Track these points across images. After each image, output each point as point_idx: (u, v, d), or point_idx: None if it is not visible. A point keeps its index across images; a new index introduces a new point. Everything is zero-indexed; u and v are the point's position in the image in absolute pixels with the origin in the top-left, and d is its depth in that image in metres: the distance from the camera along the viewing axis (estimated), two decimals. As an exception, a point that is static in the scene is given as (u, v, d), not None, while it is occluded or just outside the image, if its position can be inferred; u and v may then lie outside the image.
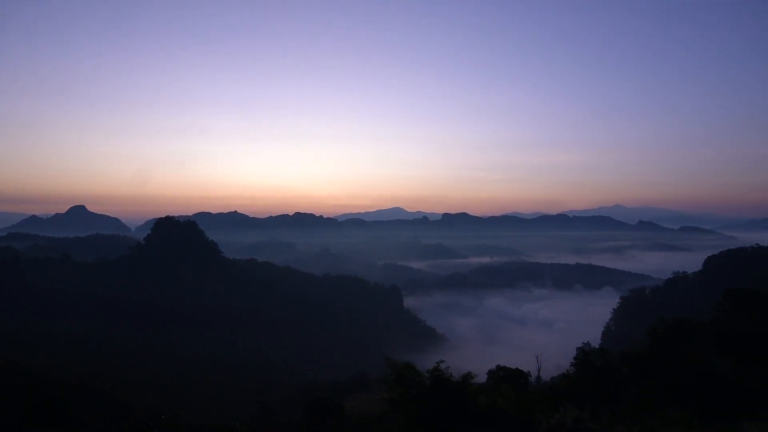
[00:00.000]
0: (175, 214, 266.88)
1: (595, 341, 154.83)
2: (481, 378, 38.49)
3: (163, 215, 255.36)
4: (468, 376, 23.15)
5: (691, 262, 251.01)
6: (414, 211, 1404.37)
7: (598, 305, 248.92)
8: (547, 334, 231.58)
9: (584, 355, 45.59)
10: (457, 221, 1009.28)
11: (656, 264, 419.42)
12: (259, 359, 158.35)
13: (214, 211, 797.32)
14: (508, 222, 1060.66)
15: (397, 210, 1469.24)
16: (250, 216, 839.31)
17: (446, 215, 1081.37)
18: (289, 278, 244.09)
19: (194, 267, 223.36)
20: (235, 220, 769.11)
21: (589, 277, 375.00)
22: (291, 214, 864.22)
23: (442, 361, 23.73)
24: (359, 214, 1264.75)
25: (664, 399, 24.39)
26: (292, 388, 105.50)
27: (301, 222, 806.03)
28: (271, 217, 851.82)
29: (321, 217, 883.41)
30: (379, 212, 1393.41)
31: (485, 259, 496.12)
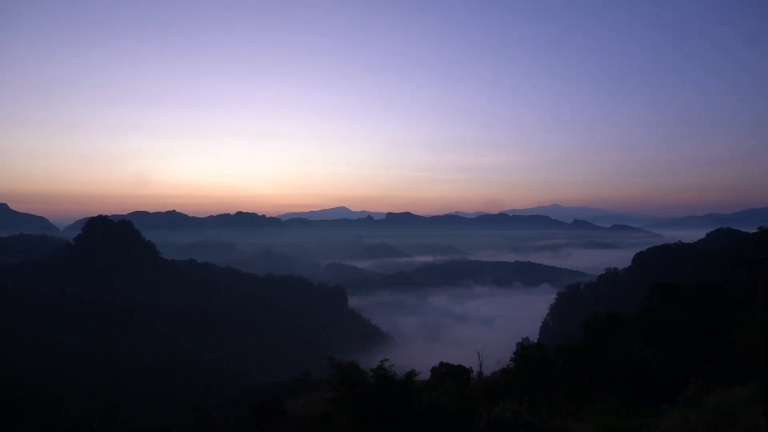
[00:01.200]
0: (109, 213, 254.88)
1: (534, 336, 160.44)
2: (425, 375, 39.09)
3: (95, 214, 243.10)
4: (411, 374, 23.38)
5: (622, 258, 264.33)
6: (359, 210, 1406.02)
7: (537, 301, 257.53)
8: (488, 330, 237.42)
9: (523, 349, 47.16)
10: (401, 221, 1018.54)
11: (590, 261, 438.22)
12: (199, 363, 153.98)
13: (150, 210, 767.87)
14: (451, 221, 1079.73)
15: (342, 209, 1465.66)
16: (190, 215, 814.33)
17: (390, 215, 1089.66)
18: (231, 279, 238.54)
19: (129, 268, 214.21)
20: (173, 219, 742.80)
21: (527, 275, 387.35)
22: (232, 213, 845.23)
23: (386, 360, 23.85)
24: (303, 213, 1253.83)
25: (596, 389, 25.60)
26: (234, 391, 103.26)
27: (243, 221, 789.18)
28: (211, 216, 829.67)
29: (264, 216, 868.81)
30: (324, 212, 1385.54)
31: (428, 258, 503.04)
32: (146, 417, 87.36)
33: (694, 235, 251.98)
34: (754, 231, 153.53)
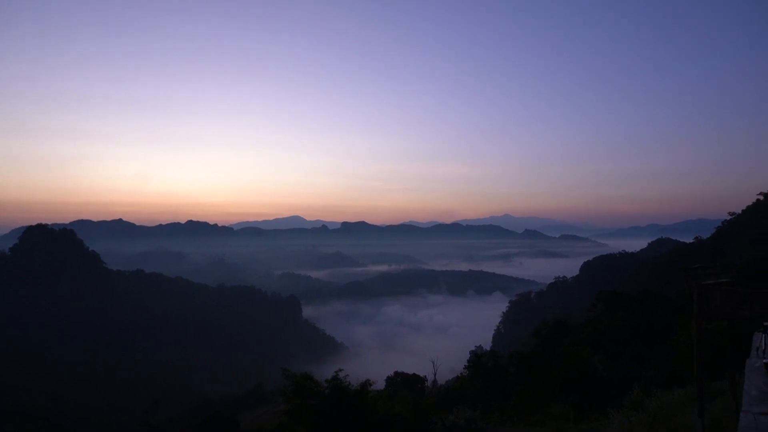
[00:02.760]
0: (49, 222, 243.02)
1: (487, 344, 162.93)
2: (380, 385, 39.11)
3: (33, 223, 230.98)
4: (366, 384, 23.41)
5: (570, 267, 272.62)
6: (313, 219, 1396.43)
7: (489, 309, 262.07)
8: (442, 339, 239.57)
9: (476, 357, 47.90)
10: (356, 230, 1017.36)
11: (540, 270, 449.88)
12: (148, 377, 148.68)
13: (95, 218, 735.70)
14: (405, 230, 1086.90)
15: (296, 218, 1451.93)
16: (137, 224, 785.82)
17: (345, 224, 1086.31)
18: (181, 290, 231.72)
19: (71, 280, 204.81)
20: (119, 228, 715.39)
21: (480, 283, 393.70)
22: (182, 222, 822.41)
23: (340, 370, 23.81)
24: (256, 222, 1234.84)
25: (547, 395, 26.29)
26: (184, 405, 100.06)
27: (194, 230, 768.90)
28: (160, 225, 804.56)
29: (215, 225, 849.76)
30: (278, 221, 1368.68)
31: (383, 267, 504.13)
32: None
33: (637, 244, 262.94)
34: (691, 241, 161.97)
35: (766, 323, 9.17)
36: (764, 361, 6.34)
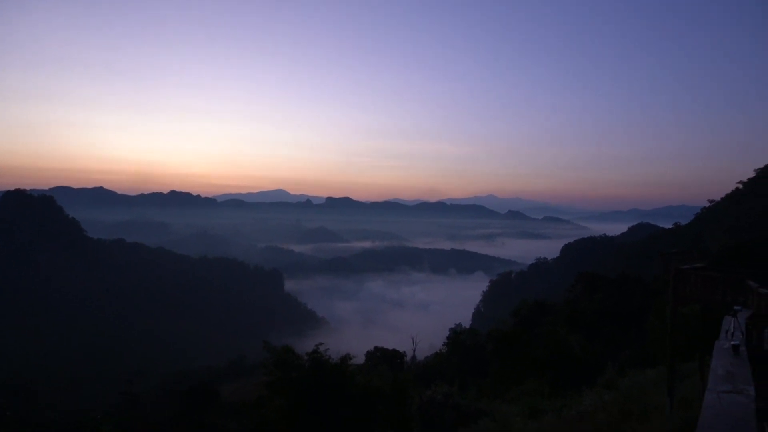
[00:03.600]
0: (28, 188, 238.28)
1: (467, 322, 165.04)
2: (360, 359, 39.55)
3: (11, 188, 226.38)
4: (346, 358, 23.69)
5: (551, 248, 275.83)
6: (297, 193, 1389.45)
7: (470, 288, 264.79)
8: (423, 316, 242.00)
9: (455, 335, 48.62)
10: (340, 205, 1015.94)
11: (522, 250, 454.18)
12: (128, 348, 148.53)
13: (75, 185, 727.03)
14: (390, 207, 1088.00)
15: (280, 192, 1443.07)
16: (119, 192, 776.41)
17: (330, 199, 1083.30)
18: (163, 260, 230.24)
19: (51, 248, 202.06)
20: (100, 196, 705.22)
21: (462, 262, 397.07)
22: (165, 192, 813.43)
23: (321, 344, 24.05)
24: (240, 194, 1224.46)
25: (523, 372, 26.85)
26: (165, 376, 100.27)
27: (177, 201, 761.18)
28: (142, 194, 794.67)
29: (198, 196, 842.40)
30: (262, 194, 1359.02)
31: (367, 244, 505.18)
32: (70, 402, 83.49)
33: (617, 228, 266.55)
34: (670, 227, 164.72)
35: (736, 307, 9.44)
36: (732, 343, 6.54)
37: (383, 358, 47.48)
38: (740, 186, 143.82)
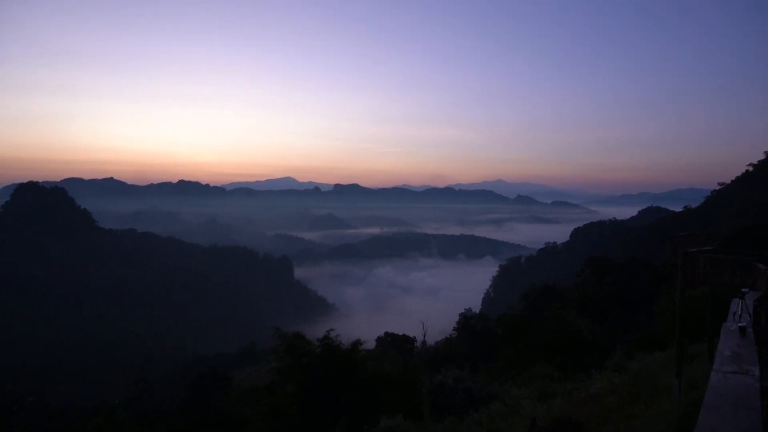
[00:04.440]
0: (40, 180, 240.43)
1: (476, 307, 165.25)
2: (370, 345, 39.86)
3: (24, 180, 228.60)
4: (357, 344, 23.91)
5: (561, 233, 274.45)
6: (305, 181, 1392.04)
7: (480, 273, 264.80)
8: (432, 301, 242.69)
9: (465, 320, 48.80)
10: (348, 192, 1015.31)
11: (531, 235, 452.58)
12: (141, 337, 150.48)
13: (86, 177, 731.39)
14: (398, 194, 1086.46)
15: (288, 180, 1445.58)
16: (129, 183, 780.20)
17: (338, 186, 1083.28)
18: (173, 250, 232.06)
19: (63, 238, 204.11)
20: (110, 187, 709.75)
21: (472, 247, 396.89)
22: (174, 181, 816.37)
23: (331, 330, 24.26)
24: (249, 183, 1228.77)
25: (533, 356, 26.98)
26: (177, 363, 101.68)
27: (186, 190, 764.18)
28: (152, 184, 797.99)
29: (207, 185, 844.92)
30: (270, 182, 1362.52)
31: (375, 230, 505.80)
32: (85, 390, 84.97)
33: (627, 212, 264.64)
34: (680, 210, 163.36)
35: (744, 290, 9.45)
36: (739, 324, 6.59)
37: (393, 344, 47.83)
38: (750, 168, 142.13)
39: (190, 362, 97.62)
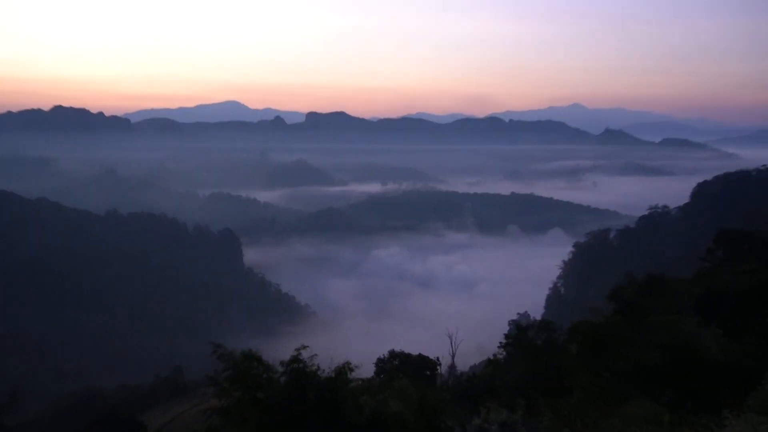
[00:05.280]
0: None
1: (537, 310, 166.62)
2: (367, 370, 40.26)
3: None
4: (345, 369, 24.05)
5: (676, 191, 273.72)
6: (261, 108, 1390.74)
7: (542, 257, 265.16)
8: (465, 300, 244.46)
9: (519, 330, 49.13)
10: (329, 125, 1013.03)
11: (627, 194, 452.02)
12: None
13: None
14: (411, 127, 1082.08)
15: (233, 106, 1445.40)
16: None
17: (313, 115, 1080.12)
18: (46, 218, 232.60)
19: None
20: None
21: (529, 215, 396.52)
22: (46, 109, 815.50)
23: (304, 347, 24.38)
24: (168, 111, 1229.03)
25: (627, 388, 27.18)
26: (56, 399, 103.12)
27: (65, 123, 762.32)
28: (9, 113, 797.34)
29: (101, 115, 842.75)
30: (203, 109, 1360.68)
31: (374, 187, 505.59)
32: None
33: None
34: None
35: None
36: None
37: (404, 368, 48.27)
38: None
39: (76, 398, 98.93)
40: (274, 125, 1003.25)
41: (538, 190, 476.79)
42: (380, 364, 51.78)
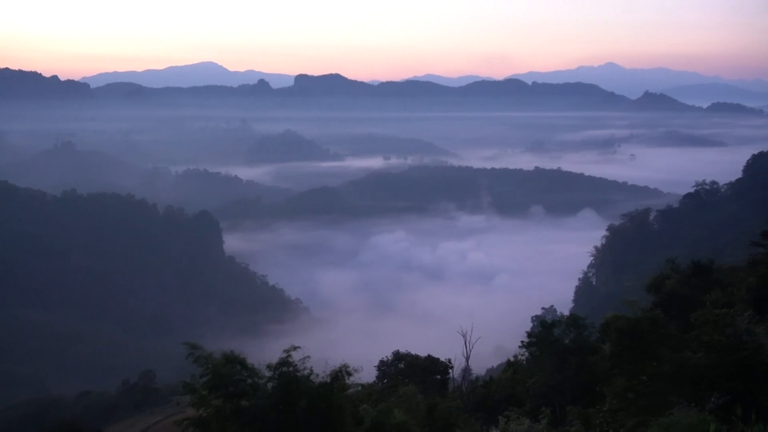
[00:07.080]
0: None
1: (564, 303, 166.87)
2: (368, 374, 40.44)
3: None
4: (341, 373, 24.15)
5: (726, 164, 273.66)
6: (242, 70, 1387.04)
7: (570, 241, 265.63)
8: (481, 294, 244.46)
9: (544, 327, 49.26)
10: (322, 90, 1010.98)
11: (669, 169, 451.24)
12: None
13: None
14: (417, 92, 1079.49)
15: (210, 68, 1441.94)
16: None
17: (302, 79, 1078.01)
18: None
19: None
20: None
21: (556, 193, 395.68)
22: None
23: (295, 348, 24.47)
24: (135, 75, 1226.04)
25: (670, 394, 27.27)
26: (9, 408, 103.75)
27: (14, 88, 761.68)
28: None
29: (55, 78, 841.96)
30: (174, 71, 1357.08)
31: (374, 161, 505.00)
32: None
33: None
34: None
35: None
36: None
37: (410, 373, 48.48)
38: None
39: (30, 409, 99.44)
40: (258, 90, 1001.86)
41: (566, 164, 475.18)
42: (383, 367, 51.99)
